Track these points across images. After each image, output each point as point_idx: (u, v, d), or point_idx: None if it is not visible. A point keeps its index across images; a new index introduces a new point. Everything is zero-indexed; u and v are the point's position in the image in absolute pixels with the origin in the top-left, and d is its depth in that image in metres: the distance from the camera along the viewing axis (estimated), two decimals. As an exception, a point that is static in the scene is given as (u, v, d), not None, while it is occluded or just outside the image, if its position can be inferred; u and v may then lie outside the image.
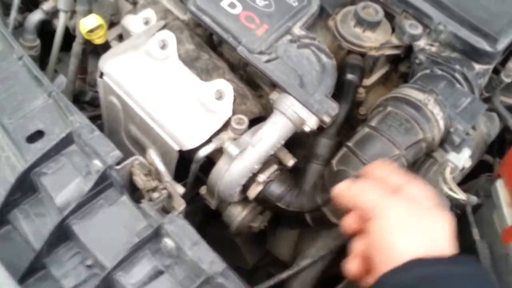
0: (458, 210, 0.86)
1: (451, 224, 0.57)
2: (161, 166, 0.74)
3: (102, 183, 0.74)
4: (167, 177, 0.75)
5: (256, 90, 0.92)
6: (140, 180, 0.77)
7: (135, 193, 0.80)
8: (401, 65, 0.91)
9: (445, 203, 0.74)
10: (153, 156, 0.74)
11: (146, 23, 0.96)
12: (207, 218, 1.05)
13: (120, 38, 1.08)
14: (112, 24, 1.12)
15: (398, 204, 0.57)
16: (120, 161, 0.75)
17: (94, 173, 0.74)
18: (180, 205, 0.76)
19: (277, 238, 1.04)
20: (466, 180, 0.96)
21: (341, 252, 0.96)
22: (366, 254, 0.57)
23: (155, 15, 0.95)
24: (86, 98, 1.19)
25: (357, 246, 0.59)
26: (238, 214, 0.90)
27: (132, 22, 0.96)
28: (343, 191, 0.61)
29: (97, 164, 0.73)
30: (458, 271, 0.53)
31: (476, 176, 0.94)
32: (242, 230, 0.92)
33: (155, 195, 0.75)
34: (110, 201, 0.75)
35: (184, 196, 0.95)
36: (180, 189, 0.76)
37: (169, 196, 0.76)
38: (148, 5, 0.99)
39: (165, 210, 0.79)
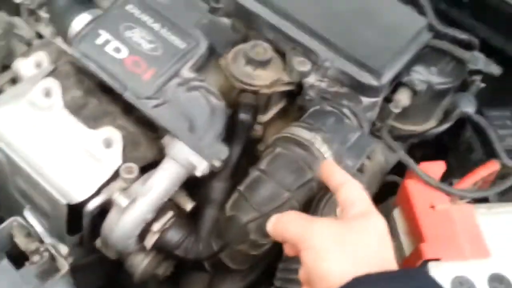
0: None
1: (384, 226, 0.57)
2: (38, 227, 0.70)
3: (-21, 248, 0.69)
4: (47, 238, 0.70)
5: (156, 131, 0.90)
6: (21, 242, 0.72)
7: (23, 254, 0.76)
8: (298, 98, 0.92)
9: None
10: (29, 216, 0.70)
11: (38, 66, 0.91)
12: (118, 264, 1.01)
13: (13, 81, 1.03)
14: (5, 67, 1.07)
15: (320, 230, 0.56)
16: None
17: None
18: (64, 267, 0.71)
19: (188, 281, 1.01)
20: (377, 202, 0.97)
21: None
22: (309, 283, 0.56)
23: (46, 57, 0.91)
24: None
25: (301, 276, 0.58)
26: (139, 263, 0.86)
27: (23, 65, 0.91)
28: (270, 229, 0.61)
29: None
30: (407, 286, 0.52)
31: (384, 199, 0.95)
32: (146, 278, 0.89)
33: (36, 258, 0.71)
34: (-12, 266, 0.70)
35: (85, 247, 0.92)
36: (63, 249, 0.72)
37: (53, 258, 0.72)
38: (41, 46, 0.95)
39: (54, 271, 0.75)
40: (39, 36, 1.05)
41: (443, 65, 0.89)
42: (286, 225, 0.59)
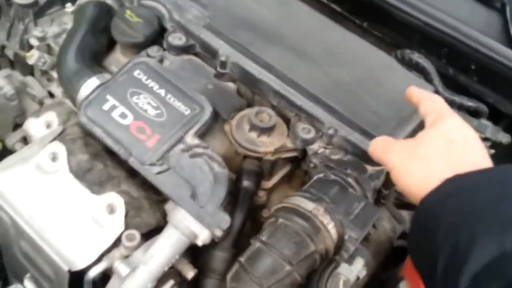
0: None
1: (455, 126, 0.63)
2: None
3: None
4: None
5: (160, 194, 0.90)
6: (20, 310, 0.72)
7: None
8: (303, 163, 0.91)
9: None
10: (29, 285, 0.70)
11: (48, 126, 0.93)
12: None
13: (25, 140, 1.05)
14: (16, 126, 1.09)
15: (396, 152, 0.66)
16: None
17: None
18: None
19: None
20: (388, 267, 0.95)
21: None
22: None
23: (57, 118, 0.93)
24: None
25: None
26: (140, 330, 0.85)
27: (33, 126, 0.93)
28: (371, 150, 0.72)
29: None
30: (496, 176, 0.56)
31: (395, 265, 0.93)
32: None
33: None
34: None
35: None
36: (62, 319, 0.71)
37: (51, 327, 0.71)
38: (52, 106, 0.97)
39: None
40: (51, 95, 1.07)
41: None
42: (374, 149, 0.70)
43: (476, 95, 0.93)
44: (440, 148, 0.61)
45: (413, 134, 0.84)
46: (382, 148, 0.68)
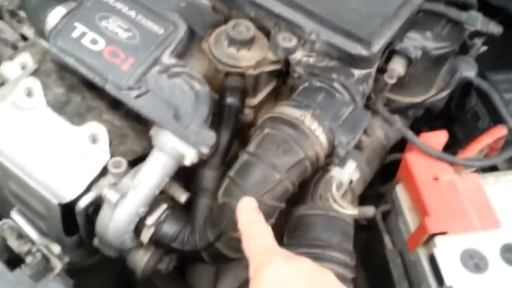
0: (364, 222, 0.83)
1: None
2: (27, 228, 0.68)
3: (-29, 253, 0.68)
4: (37, 238, 0.69)
5: (144, 124, 0.87)
6: (13, 244, 0.71)
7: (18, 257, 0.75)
8: (289, 78, 0.88)
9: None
10: (17, 218, 0.68)
11: (23, 68, 0.90)
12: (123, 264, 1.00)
13: (1, 85, 1.01)
14: (-8, 72, 1.05)
15: None
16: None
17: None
18: (57, 266, 0.70)
19: (195, 273, 0.99)
20: (386, 182, 0.93)
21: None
22: None
23: (31, 58, 0.89)
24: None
25: None
26: (140, 259, 0.84)
27: (8, 69, 0.89)
28: None
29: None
30: None
31: (390, 179, 0.91)
32: (149, 274, 0.87)
33: (29, 259, 0.69)
34: (-17, 271, 0.69)
35: (86, 248, 0.90)
36: (56, 248, 0.71)
37: (46, 258, 0.71)
38: (26, 48, 0.93)
39: (47, 271, 0.73)
40: (24, 38, 1.03)
41: (438, 29, 0.84)
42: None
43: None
44: None
45: (400, 31, 0.81)
46: None
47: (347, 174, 0.70)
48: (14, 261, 0.74)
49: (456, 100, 0.96)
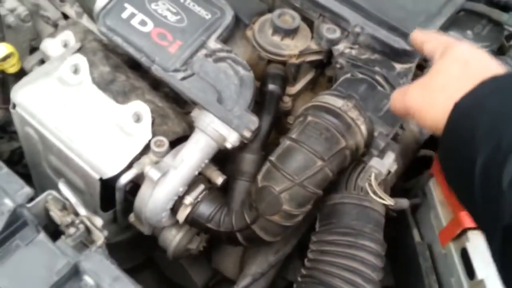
0: (395, 213, 0.84)
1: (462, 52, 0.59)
2: (73, 199, 0.70)
3: (15, 223, 0.70)
4: (82, 210, 0.71)
5: (183, 106, 0.89)
6: (56, 215, 0.73)
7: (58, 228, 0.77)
8: (328, 69, 0.89)
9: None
10: (64, 189, 0.70)
11: (65, 45, 0.91)
12: (154, 241, 1.02)
13: (42, 62, 1.03)
14: (33, 49, 1.07)
15: (411, 94, 0.60)
16: (34, 197, 0.72)
17: (5, 213, 0.70)
18: (99, 238, 0.72)
19: (222, 255, 1.01)
20: (412, 177, 0.95)
21: (283, 266, 0.94)
22: None
23: (73, 37, 0.91)
24: (13, 127, 1.14)
25: None
26: (172, 238, 0.87)
27: (50, 45, 0.92)
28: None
29: (7, 203, 0.69)
30: None
31: (420, 173, 0.93)
32: (180, 254, 0.89)
33: (71, 230, 0.71)
34: (26, 240, 0.71)
35: (119, 224, 0.92)
36: (98, 221, 0.72)
37: (88, 230, 0.73)
38: (68, 26, 0.95)
39: (89, 243, 0.75)
40: (65, 16, 1.05)
41: (479, 29, 0.86)
42: (393, 105, 0.63)
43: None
44: (455, 72, 0.57)
45: (442, 29, 0.82)
46: (399, 97, 0.62)
47: (387, 165, 0.72)
48: (54, 232, 0.76)
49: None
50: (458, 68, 0.58)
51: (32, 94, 0.82)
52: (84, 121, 0.80)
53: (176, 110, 0.86)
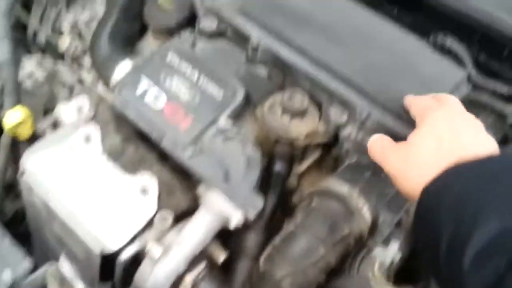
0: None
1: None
2: (71, 275, 0.70)
3: (14, 295, 0.70)
4: (80, 285, 0.70)
5: (191, 178, 0.90)
6: (55, 289, 0.73)
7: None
8: (334, 148, 0.91)
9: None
10: (64, 264, 0.70)
11: (79, 111, 0.94)
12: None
13: (55, 126, 1.05)
14: (46, 111, 1.10)
15: (390, 158, 0.67)
16: (34, 269, 0.71)
17: (3, 285, 0.69)
18: (97, 315, 0.71)
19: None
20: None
21: None
22: None
23: (88, 103, 0.93)
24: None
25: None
26: (170, 314, 0.85)
27: (64, 110, 0.93)
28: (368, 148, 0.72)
29: (6, 277, 0.68)
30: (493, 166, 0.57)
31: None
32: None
33: (69, 305, 0.71)
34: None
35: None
36: (96, 298, 0.72)
37: (86, 305, 0.72)
38: (83, 92, 0.97)
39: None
40: (81, 81, 1.08)
41: (483, 119, 0.87)
42: (370, 151, 0.70)
43: (509, 81, 0.92)
44: (429, 149, 0.62)
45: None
46: (378, 153, 0.69)
47: (391, 254, 0.72)
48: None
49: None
50: (431, 145, 0.62)
51: (42, 161, 0.84)
52: (91, 192, 0.81)
53: (183, 183, 0.86)
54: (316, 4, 0.92)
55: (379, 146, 0.69)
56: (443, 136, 0.62)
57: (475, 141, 0.62)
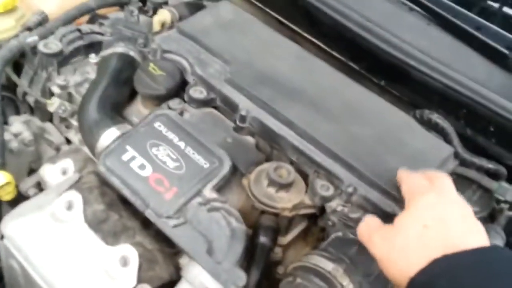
0: None
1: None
2: None
3: None
4: None
5: (174, 246, 0.88)
6: None
7: None
8: (320, 219, 0.90)
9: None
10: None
11: (64, 173, 0.93)
12: None
13: (38, 185, 1.04)
14: (31, 171, 1.09)
15: (377, 241, 0.67)
16: None
17: None
18: None
19: None
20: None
21: None
22: None
23: (73, 165, 0.93)
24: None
25: None
26: None
27: (49, 172, 0.93)
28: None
29: None
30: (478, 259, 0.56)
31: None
32: None
33: None
34: None
35: None
36: None
37: None
38: (69, 153, 0.97)
39: None
40: (68, 141, 1.08)
41: (469, 194, 0.88)
42: (359, 234, 0.70)
43: (494, 157, 0.93)
44: (414, 235, 0.62)
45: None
46: (365, 236, 0.69)
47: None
48: None
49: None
50: (416, 232, 0.61)
51: (22, 228, 0.82)
52: (70, 261, 0.78)
53: (165, 252, 0.84)
54: (303, 76, 0.94)
55: (366, 229, 0.69)
56: (429, 223, 0.61)
57: (462, 228, 0.61)
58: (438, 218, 0.62)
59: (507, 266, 0.56)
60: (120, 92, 0.95)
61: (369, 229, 0.68)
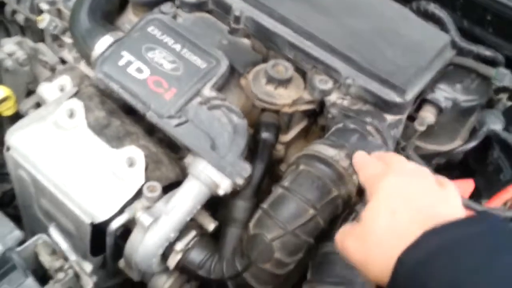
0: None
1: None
2: (63, 244, 0.70)
3: (4, 267, 0.70)
4: (71, 255, 0.70)
5: (177, 152, 0.90)
6: (45, 260, 0.72)
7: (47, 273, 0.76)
8: (320, 118, 0.91)
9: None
10: (54, 234, 0.70)
11: (62, 90, 0.93)
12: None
13: (38, 106, 1.04)
14: (29, 92, 1.09)
15: (345, 241, 0.59)
16: (23, 241, 0.71)
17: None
18: (88, 284, 0.71)
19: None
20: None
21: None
22: None
23: (70, 81, 0.93)
24: (6, 169, 1.13)
25: None
26: (162, 285, 0.85)
27: (47, 89, 0.93)
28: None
29: (-4, 246, 0.68)
30: (475, 231, 0.51)
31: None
32: (169, 300, 0.87)
33: (60, 275, 0.70)
34: (14, 284, 0.71)
35: (108, 269, 0.91)
36: (87, 267, 0.72)
37: (77, 275, 0.72)
38: (65, 71, 0.96)
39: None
40: (63, 61, 1.07)
41: (468, 82, 0.88)
42: (335, 243, 0.61)
43: (492, 47, 0.93)
44: (384, 225, 0.55)
45: (432, 82, 0.84)
46: (339, 243, 0.61)
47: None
48: (42, 277, 0.75)
49: (476, 151, 0.99)
50: (385, 220, 0.55)
51: (27, 137, 0.83)
52: (78, 165, 0.80)
53: (170, 156, 0.86)
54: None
55: (340, 236, 0.61)
56: (396, 208, 0.55)
57: (430, 201, 0.56)
58: (403, 200, 0.56)
59: (502, 234, 0.51)
60: (109, 1, 0.93)
61: (342, 235, 0.60)
